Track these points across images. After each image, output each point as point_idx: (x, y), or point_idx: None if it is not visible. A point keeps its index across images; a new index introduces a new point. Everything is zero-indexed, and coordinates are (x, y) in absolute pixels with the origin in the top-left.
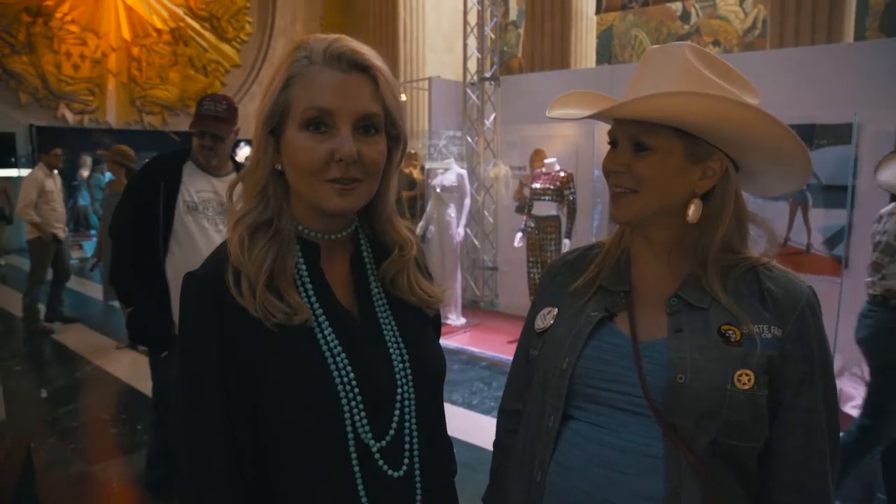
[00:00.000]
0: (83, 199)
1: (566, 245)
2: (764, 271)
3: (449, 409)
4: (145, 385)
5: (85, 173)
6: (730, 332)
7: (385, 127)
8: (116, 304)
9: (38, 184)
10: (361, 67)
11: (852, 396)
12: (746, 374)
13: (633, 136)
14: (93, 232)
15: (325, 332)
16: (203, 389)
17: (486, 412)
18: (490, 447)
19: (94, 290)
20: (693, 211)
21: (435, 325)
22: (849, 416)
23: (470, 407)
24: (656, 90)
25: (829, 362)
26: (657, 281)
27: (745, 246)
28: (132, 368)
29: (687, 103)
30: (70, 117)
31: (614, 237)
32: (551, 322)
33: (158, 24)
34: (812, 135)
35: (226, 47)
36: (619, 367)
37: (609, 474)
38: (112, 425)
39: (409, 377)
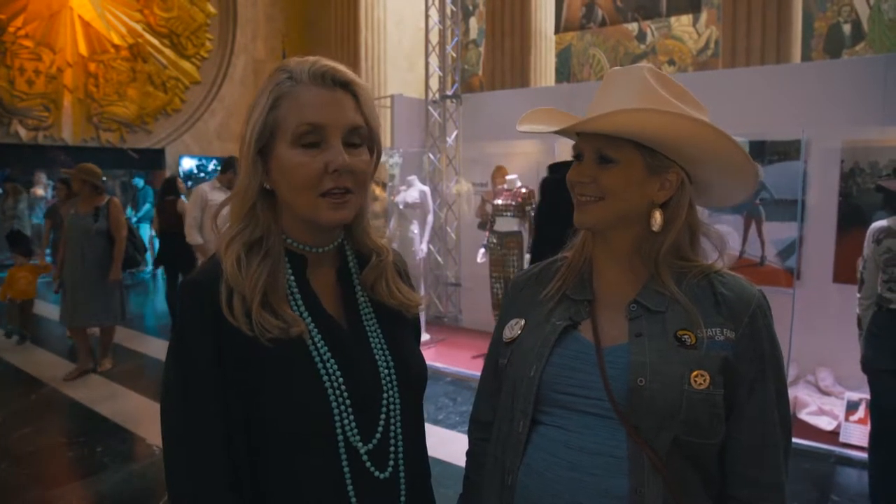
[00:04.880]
0: (37, 218)
1: (528, 260)
2: (717, 277)
3: None
4: (104, 407)
5: (40, 192)
6: (685, 336)
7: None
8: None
9: (202, 201)
10: (343, 84)
11: (807, 403)
12: (702, 375)
13: (598, 149)
14: (48, 251)
15: (315, 340)
16: (198, 389)
17: (451, 427)
18: (456, 462)
19: (49, 311)
20: (656, 219)
21: (415, 332)
22: (803, 422)
23: (435, 422)
24: (619, 107)
25: (780, 361)
26: (618, 288)
27: (696, 254)
28: (90, 390)
29: (647, 119)
30: (23, 133)
31: (576, 249)
32: (519, 332)
33: (116, 40)
34: (763, 151)
35: (185, 64)
36: (584, 372)
37: (576, 476)
38: (69, 449)
39: (395, 382)
